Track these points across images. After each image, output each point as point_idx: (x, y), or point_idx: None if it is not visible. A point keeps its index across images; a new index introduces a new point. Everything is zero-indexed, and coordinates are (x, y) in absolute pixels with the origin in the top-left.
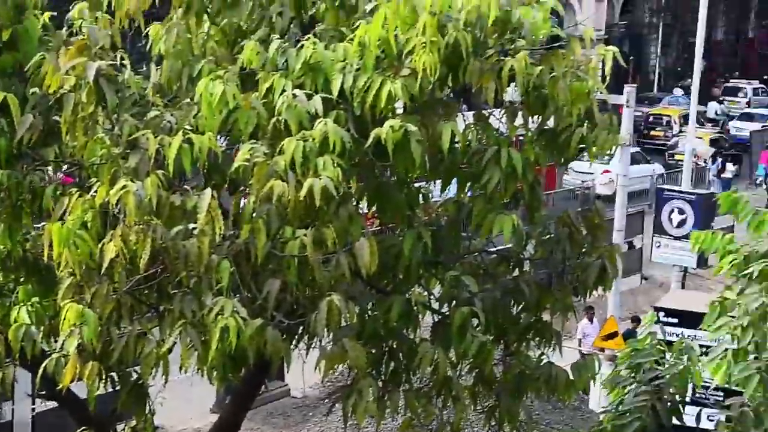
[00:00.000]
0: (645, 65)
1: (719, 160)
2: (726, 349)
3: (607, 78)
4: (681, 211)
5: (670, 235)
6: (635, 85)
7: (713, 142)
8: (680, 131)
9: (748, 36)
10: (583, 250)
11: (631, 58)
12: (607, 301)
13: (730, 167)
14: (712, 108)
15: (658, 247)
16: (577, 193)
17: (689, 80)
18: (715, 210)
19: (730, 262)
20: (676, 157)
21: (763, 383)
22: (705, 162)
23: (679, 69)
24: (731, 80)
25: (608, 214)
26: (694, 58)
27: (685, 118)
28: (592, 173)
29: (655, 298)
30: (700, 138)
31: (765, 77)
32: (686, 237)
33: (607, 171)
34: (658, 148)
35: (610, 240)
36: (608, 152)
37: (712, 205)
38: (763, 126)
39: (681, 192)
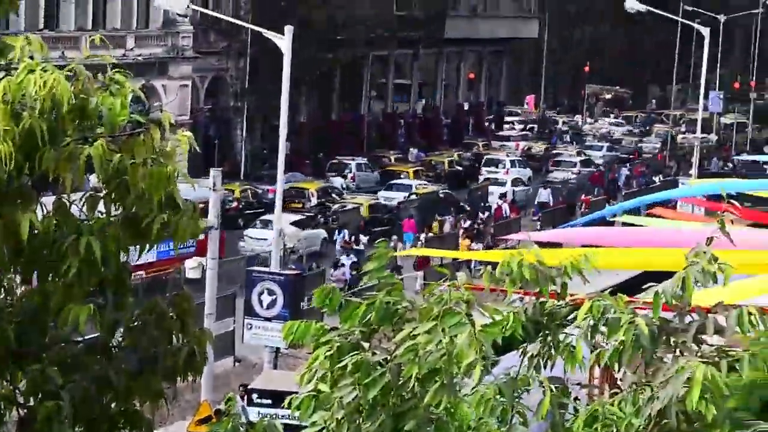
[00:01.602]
0: (232, 148)
1: (345, 231)
2: None
3: (186, 162)
4: (271, 292)
5: (261, 317)
6: (222, 168)
7: (371, 208)
8: (319, 202)
9: (332, 117)
10: (173, 335)
11: (217, 141)
12: (201, 385)
13: (363, 239)
14: (337, 182)
15: (250, 328)
16: (253, 257)
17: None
18: (304, 289)
19: (324, 353)
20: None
21: None
22: (293, 246)
23: (265, 150)
24: (337, 157)
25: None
26: (278, 140)
27: (323, 191)
28: (266, 239)
29: (249, 379)
30: (362, 204)
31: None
32: (277, 318)
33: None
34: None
35: (201, 324)
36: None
37: (302, 284)
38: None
39: (270, 273)
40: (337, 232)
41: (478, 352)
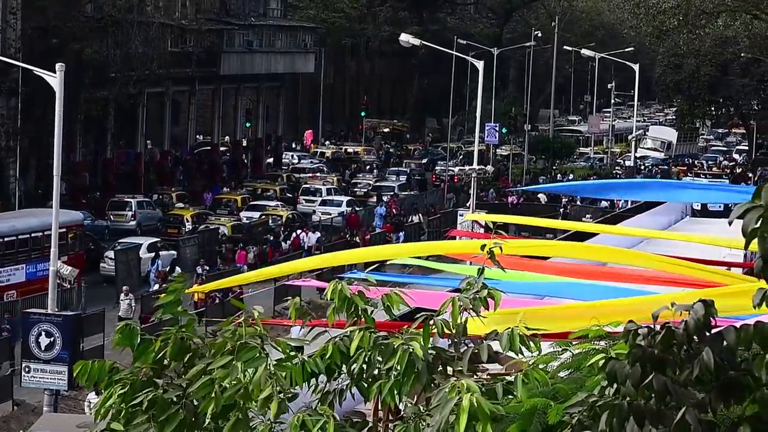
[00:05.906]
0: (6, 188)
1: (159, 261)
2: None
3: None
4: (49, 334)
5: (39, 359)
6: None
7: (234, 229)
8: (194, 226)
9: (107, 156)
10: None
11: None
12: None
13: (178, 270)
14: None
15: (28, 371)
16: None
17: (50, 203)
18: (82, 329)
19: (117, 391)
20: None
21: None
22: (71, 283)
23: (40, 191)
24: (117, 195)
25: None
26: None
27: (197, 217)
28: None
29: (29, 423)
30: (225, 224)
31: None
32: (56, 360)
33: None
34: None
35: None
36: None
37: (81, 324)
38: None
39: (48, 314)
40: (150, 262)
41: (275, 386)
